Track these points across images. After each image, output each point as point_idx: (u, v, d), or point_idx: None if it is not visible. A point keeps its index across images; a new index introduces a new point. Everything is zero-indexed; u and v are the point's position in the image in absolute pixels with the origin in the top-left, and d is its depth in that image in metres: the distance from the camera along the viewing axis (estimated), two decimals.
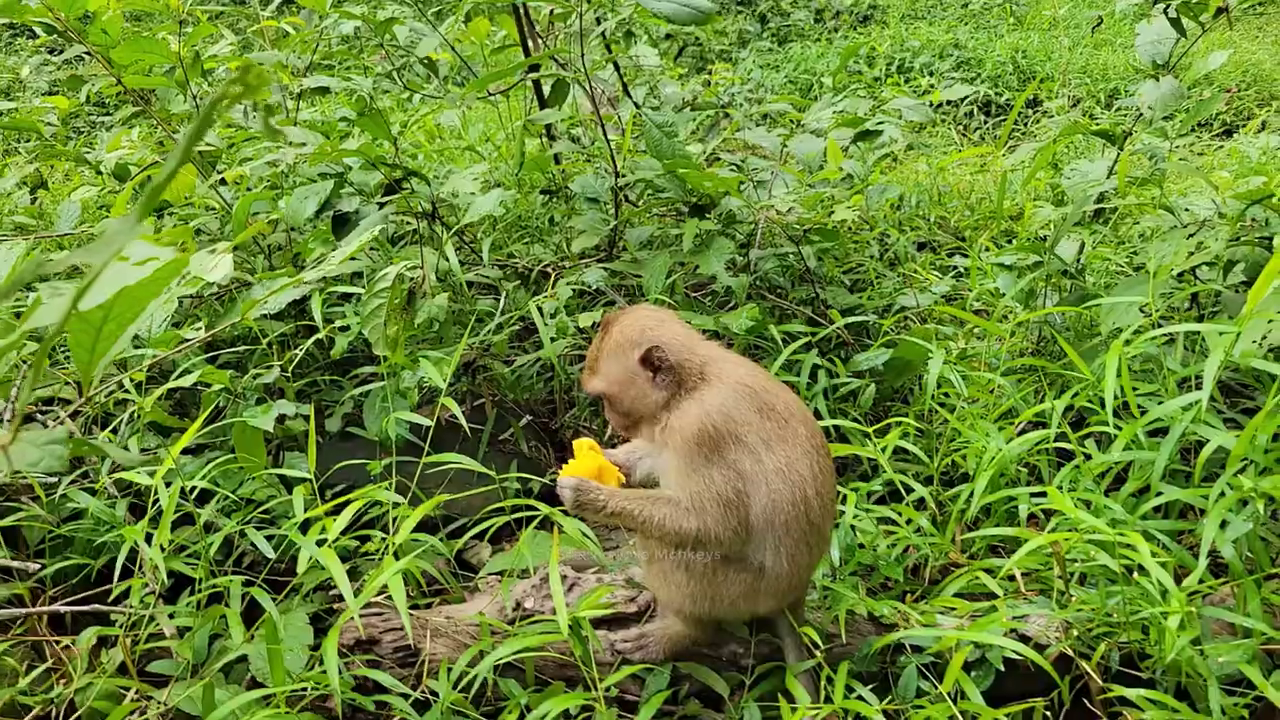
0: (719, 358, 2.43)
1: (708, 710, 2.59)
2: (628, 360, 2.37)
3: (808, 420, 2.41)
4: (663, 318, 2.46)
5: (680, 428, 2.30)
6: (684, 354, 2.37)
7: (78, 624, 2.83)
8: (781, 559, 2.32)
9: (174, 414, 3.49)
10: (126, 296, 1.33)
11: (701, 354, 2.40)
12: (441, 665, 2.54)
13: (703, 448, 2.27)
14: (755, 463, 2.29)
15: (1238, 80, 8.89)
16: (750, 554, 2.33)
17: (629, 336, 2.39)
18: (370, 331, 2.96)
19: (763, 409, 2.32)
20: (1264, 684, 2.18)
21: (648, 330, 2.38)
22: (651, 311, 2.49)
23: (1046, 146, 3.87)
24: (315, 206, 3.47)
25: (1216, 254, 3.17)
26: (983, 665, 2.50)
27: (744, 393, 2.33)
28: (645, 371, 2.36)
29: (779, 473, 2.29)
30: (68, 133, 8.21)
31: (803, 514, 2.30)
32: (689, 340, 2.42)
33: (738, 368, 2.41)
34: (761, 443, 2.29)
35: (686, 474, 2.29)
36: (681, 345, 2.38)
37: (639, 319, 2.43)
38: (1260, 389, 3.24)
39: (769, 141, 4.35)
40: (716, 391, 2.32)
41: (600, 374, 2.44)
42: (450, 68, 5.35)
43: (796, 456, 2.31)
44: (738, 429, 2.28)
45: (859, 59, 10.00)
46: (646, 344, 2.35)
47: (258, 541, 2.79)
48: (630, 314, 2.47)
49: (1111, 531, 2.38)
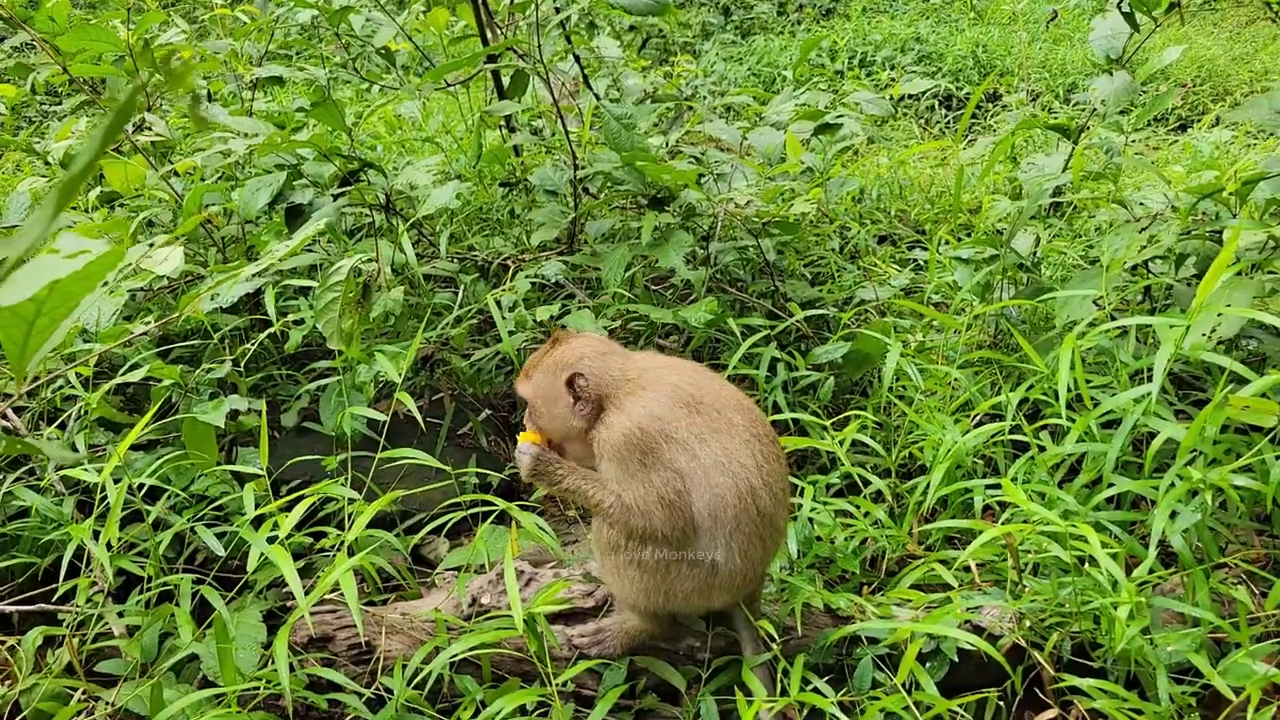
0: (651, 368, 2.43)
1: (664, 704, 2.59)
2: (556, 379, 2.39)
3: (746, 409, 2.40)
4: (608, 350, 2.46)
5: (610, 439, 2.30)
6: (609, 385, 2.37)
7: (24, 624, 2.78)
8: (734, 554, 2.32)
9: (126, 410, 3.42)
10: (59, 290, 1.30)
11: (632, 375, 2.40)
12: (396, 662, 2.52)
13: (634, 453, 2.27)
14: (690, 459, 2.28)
15: (1192, 75, 9.02)
16: (701, 551, 2.33)
17: (565, 359, 2.40)
18: (324, 325, 2.93)
19: (690, 403, 2.32)
20: (1211, 672, 2.22)
21: (584, 359, 2.39)
22: (599, 343, 2.49)
23: (1003, 140, 3.90)
24: (268, 198, 3.42)
25: (1168, 247, 3.21)
26: (937, 656, 2.52)
27: (670, 392, 2.33)
28: (568, 396, 2.37)
29: (718, 466, 2.28)
30: (18, 122, 8.03)
31: (750, 505, 2.30)
32: (625, 369, 2.41)
33: (669, 373, 2.41)
34: (694, 438, 2.28)
35: (627, 481, 2.29)
36: (612, 379, 2.38)
37: (584, 346, 2.44)
38: (1210, 381, 3.29)
39: (730, 134, 4.35)
40: (639, 399, 2.33)
41: (532, 381, 2.46)
42: (409, 58, 5.29)
43: (735, 447, 2.30)
44: (666, 427, 2.28)
45: (821, 52, 10.03)
46: (572, 370, 2.36)
47: (208, 539, 2.75)
48: (580, 339, 2.48)
49: (1064, 523, 2.40)
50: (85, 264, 1.22)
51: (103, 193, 4.05)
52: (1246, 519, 2.78)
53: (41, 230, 0.70)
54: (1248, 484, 2.39)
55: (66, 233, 1.17)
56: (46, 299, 1.31)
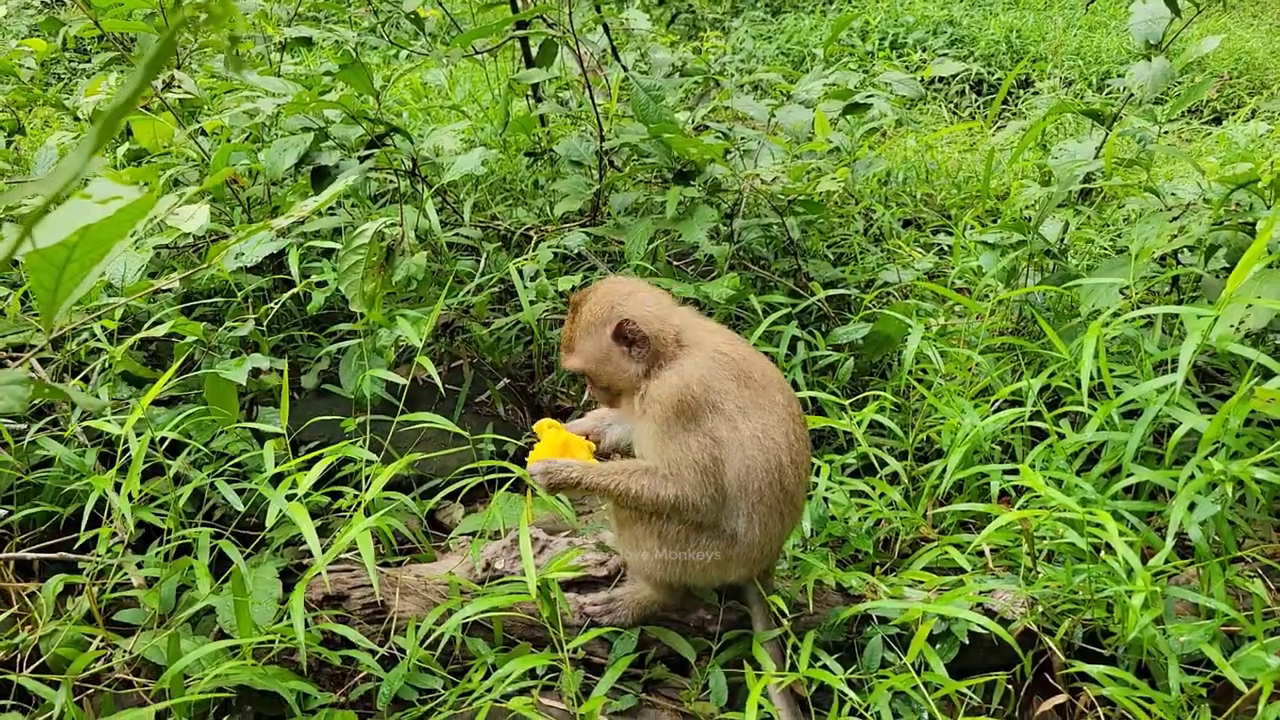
0: (694, 325, 2.42)
1: (674, 674, 2.60)
2: (601, 337, 2.37)
3: (784, 388, 2.41)
4: (631, 289, 2.44)
5: (660, 397, 2.29)
6: (656, 324, 2.36)
7: (45, 571, 2.81)
8: (754, 526, 2.33)
9: (149, 365, 3.45)
10: (90, 236, 1.30)
11: (675, 322, 2.39)
12: (410, 623, 2.54)
13: (681, 416, 2.27)
14: (732, 430, 2.29)
15: (1230, 67, 8.88)
16: (724, 521, 2.34)
17: (599, 314, 2.38)
18: (347, 288, 2.94)
19: (740, 376, 2.32)
20: (1223, 664, 2.21)
21: (616, 306, 2.37)
22: (619, 284, 2.47)
23: (1035, 125, 3.85)
24: (294, 159, 3.42)
25: (1199, 238, 3.17)
26: (948, 638, 2.52)
27: (722, 361, 2.33)
28: (620, 346, 2.36)
29: (754, 440, 2.29)
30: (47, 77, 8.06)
31: (776, 481, 2.31)
32: (660, 309, 2.40)
33: (714, 335, 2.41)
34: (738, 410, 2.29)
35: (664, 442, 2.28)
36: (653, 316, 2.37)
37: (608, 294, 2.42)
38: (1235, 374, 3.25)
39: (757, 111, 4.31)
40: (695, 360, 2.32)
41: (577, 352, 2.43)
42: (438, 24, 5.27)
43: (772, 424, 2.31)
44: (715, 397, 2.28)
45: (852, 31, 9.94)
46: (616, 319, 2.34)
47: (227, 494, 2.77)
48: (599, 289, 2.45)
49: (1081, 510, 2.39)
50: (116, 210, 1.23)
51: (130, 149, 4.06)
52: (1266, 513, 2.76)
53: (79, 169, 0.71)
54: (1269, 478, 2.37)
55: (99, 178, 1.18)
56: (78, 244, 1.32)
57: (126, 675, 2.42)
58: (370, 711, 2.45)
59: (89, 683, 2.41)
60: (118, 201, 1.20)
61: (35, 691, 2.29)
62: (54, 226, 1.15)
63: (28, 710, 2.35)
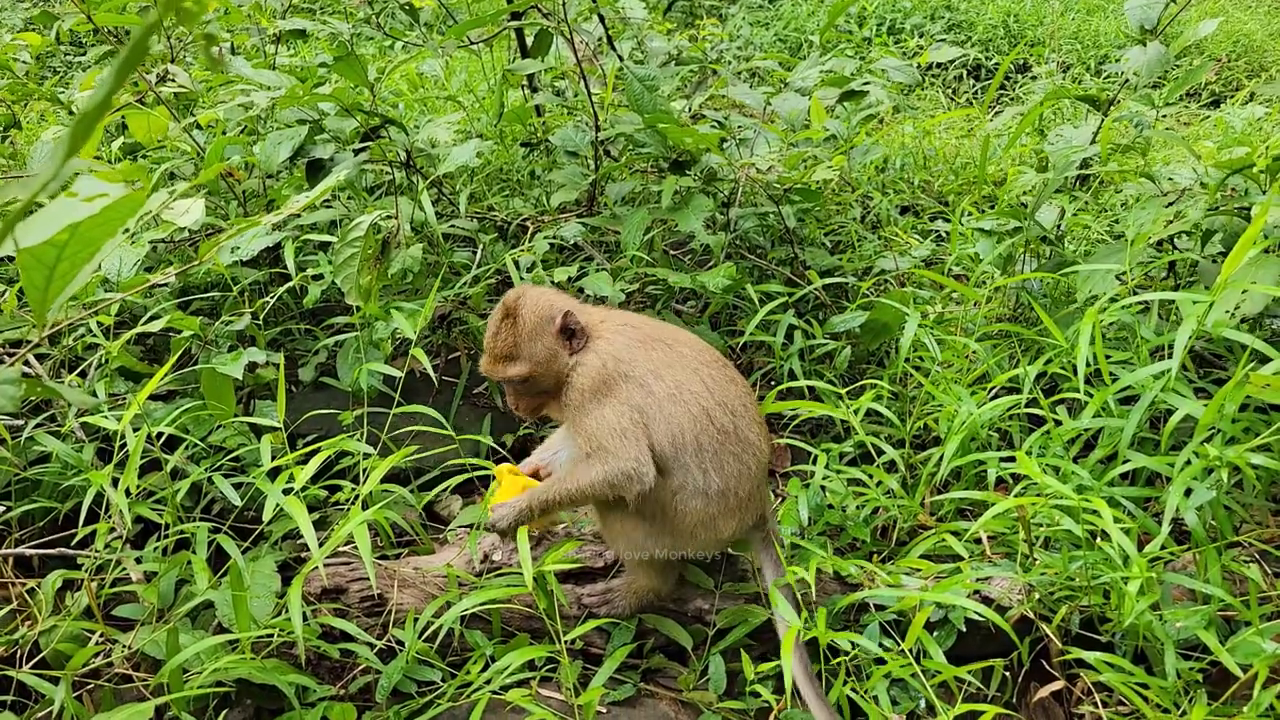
0: (598, 312, 2.57)
1: (672, 663, 2.61)
2: (546, 336, 2.45)
3: (692, 342, 2.51)
4: (547, 290, 2.58)
5: (580, 383, 2.40)
6: (582, 315, 2.49)
7: (44, 567, 2.82)
8: (711, 474, 2.38)
9: (145, 360, 3.45)
10: (80, 235, 1.30)
11: (589, 312, 2.54)
12: (408, 615, 2.55)
13: (597, 393, 2.37)
14: (646, 395, 2.37)
15: (1228, 50, 8.84)
16: (676, 478, 2.38)
17: (541, 313, 2.46)
18: (343, 280, 2.93)
19: (646, 341, 2.44)
20: (1219, 649, 2.21)
21: (554, 304, 2.48)
22: (535, 289, 2.57)
23: (1032, 110, 3.84)
24: (289, 152, 3.42)
25: (1195, 223, 3.16)
26: (945, 625, 2.53)
27: (629, 333, 2.45)
28: (561, 340, 2.45)
29: (671, 397, 2.38)
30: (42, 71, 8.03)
31: (708, 425, 2.38)
32: (580, 307, 2.54)
33: (618, 315, 2.55)
34: (651, 374, 2.39)
35: (585, 420, 2.37)
36: (578, 307, 2.52)
37: (537, 297, 2.51)
38: (1231, 359, 3.25)
39: (754, 99, 4.30)
40: (605, 339, 2.44)
41: (523, 358, 2.47)
42: (433, 15, 5.26)
43: (685, 377, 2.40)
44: (626, 367, 2.39)
45: (849, 18, 9.89)
46: (560, 314, 2.43)
47: (225, 489, 2.78)
48: (529, 295, 2.52)
49: (1077, 497, 2.39)
50: (104, 208, 1.22)
51: (125, 143, 4.05)
52: (1262, 498, 2.77)
53: (55, 170, 0.70)
54: (1265, 463, 2.37)
55: (85, 176, 1.18)
56: (67, 243, 1.32)
57: (126, 670, 2.43)
58: (369, 704, 2.46)
59: (88, 678, 2.42)
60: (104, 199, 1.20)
61: (35, 687, 2.29)
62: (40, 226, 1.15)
63: (28, 706, 2.36)
